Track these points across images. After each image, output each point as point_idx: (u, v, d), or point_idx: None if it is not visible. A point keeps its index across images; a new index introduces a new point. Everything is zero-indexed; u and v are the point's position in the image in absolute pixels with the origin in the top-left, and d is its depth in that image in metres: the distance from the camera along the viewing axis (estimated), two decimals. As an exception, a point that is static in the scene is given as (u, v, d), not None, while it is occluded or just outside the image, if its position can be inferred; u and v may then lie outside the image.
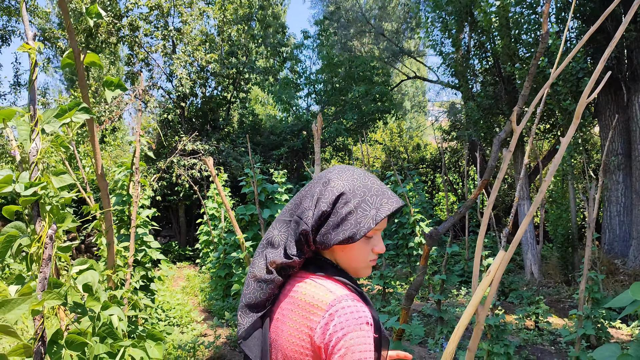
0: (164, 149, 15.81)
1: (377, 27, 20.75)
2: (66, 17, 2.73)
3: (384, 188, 1.26)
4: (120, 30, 15.22)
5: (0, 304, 1.04)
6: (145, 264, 5.87)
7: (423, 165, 20.62)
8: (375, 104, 17.69)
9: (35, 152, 1.93)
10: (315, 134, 4.80)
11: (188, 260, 15.24)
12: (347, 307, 1.12)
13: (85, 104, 2.71)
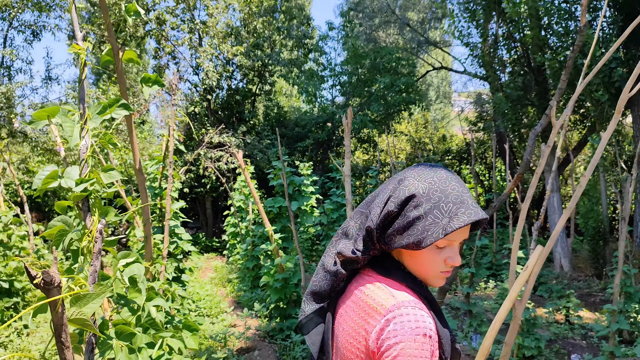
0: (191, 141, 15.99)
1: (402, 17, 20.56)
2: (105, 15, 2.79)
3: (465, 196, 1.13)
4: (147, 24, 15.39)
5: (76, 298, 1.10)
6: (177, 255, 5.98)
7: (449, 157, 20.45)
8: (400, 95, 17.57)
9: (85, 149, 1.99)
10: (346, 128, 4.82)
11: (215, 252, 15.44)
12: (406, 314, 1.06)
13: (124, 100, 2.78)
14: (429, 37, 21.03)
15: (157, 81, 3.02)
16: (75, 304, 1.09)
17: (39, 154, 14.58)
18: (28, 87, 13.78)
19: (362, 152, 21.93)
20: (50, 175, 2.22)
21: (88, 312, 1.07)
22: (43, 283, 0.89)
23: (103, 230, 1.98)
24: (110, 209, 2.44)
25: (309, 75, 18.99)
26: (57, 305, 0.94)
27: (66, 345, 0.97)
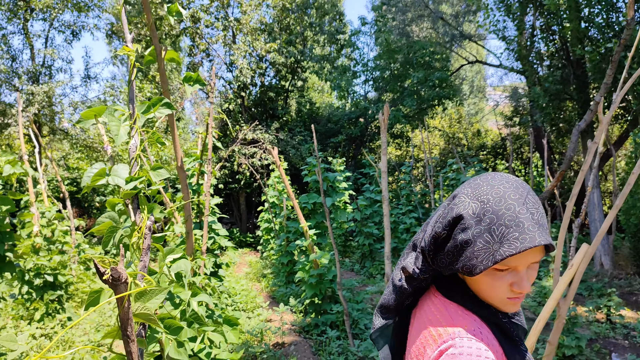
0: (225, 138, 16.19)
1: (435, 10, 20.32)
2: (149, 16, 2.84)
3: (523, 217, 0.98)
4: (182, 22, 15.62)
5: (140, 293, 1.14)
6: (214, 250, 6.07)
7: (483, 152, 20.16)
8: (434, 89, 17.39)
9: (135, 148, 2.04)
10: (382, 124, 4.81)
11: (249, 247, 15.61)
12: (460, 346, 0.97)
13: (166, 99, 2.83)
14: (463, 31, 20.73)
15: (199, 80, 3.08)
16: (140, 299, 1.13)
17: (78, 150, 14.98)
18: (68, 85, 14.17)
19: (394, 147, 21.80)
20: (99, 172, 2.29)
21: (151, 307, 1.11)
22: (111, 279, 0.93)
23: (152, 227, 2.04)
24: (155, 205, 2.50)
25: (342, 70, 18.97)
26: (124, 301, 0.98)
27: (131, 338, 1.01)
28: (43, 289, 6.77)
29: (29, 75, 13.29)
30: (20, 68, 13.37)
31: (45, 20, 13.65)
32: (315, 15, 18.87)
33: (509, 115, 17.93)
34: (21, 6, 12.94)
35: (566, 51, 10.48)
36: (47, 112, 13.07)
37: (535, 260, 1.01)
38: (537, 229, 0.98)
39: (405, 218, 10.74)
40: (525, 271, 1.03)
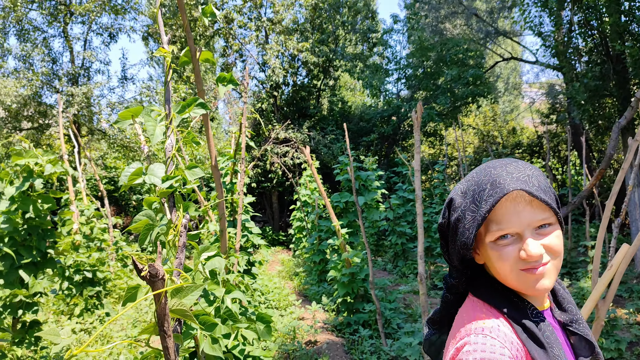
0: (258, 137, 16.32)
1: (469, 7, 20.02)
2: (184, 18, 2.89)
3: (499, 178, 0.98)
4: (216, 23, 15.82)
5: (177, 290, 1.17)
6: (248, 248, 6.13)
7: (519, 150, 19.78)
8: (468, 87, 17.14)
9: (171, 148, 2.08)
10: (415, 122, 4.77)
11: (281, 245, 15.71)
12: (474, 343, 0.95)
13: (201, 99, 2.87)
14: (497, 27, 20.37)
15: (232, 80, 3.11)
16: (176, 296, 1.16)
17: (116, 150, 15.33)
18: (106, 87, 14.53)
19: (428, 146, 21.59)
20: (135, 172, 2.35)
21: (187, 303, 1.13)
22: (149, 276, 0.95)
23: (187, 225, 2.07)
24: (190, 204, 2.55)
25: (374, 69, 18.88)
26: (161, 297, 1.00)
27: (168, 334, 1.04)
28: (82, 285, 6.97)
29: (68, 77, 13.68)
30: (60, 70, 13.77)
31: (84, 24, 14.03)
32: (348, 14, 18.84)
33: (546, 113, 17.55)
34: (61, 10, 13.33)
35: (605, 46, 10.19)
36: (85, 112, 13.43)
37: (535, 220, 0.97)
38: (514, 180, 0.96)
39: (438, 217, 10.63)
40: (530, 235, 0.97)
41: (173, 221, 2.06)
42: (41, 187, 4.55)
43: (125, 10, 14.42)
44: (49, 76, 13.44)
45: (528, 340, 0.98)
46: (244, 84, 5.19)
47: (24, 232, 4.56)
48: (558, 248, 0.99)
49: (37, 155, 4.37)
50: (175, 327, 2.05)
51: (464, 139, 22.01)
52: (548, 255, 0.98)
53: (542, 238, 0.98)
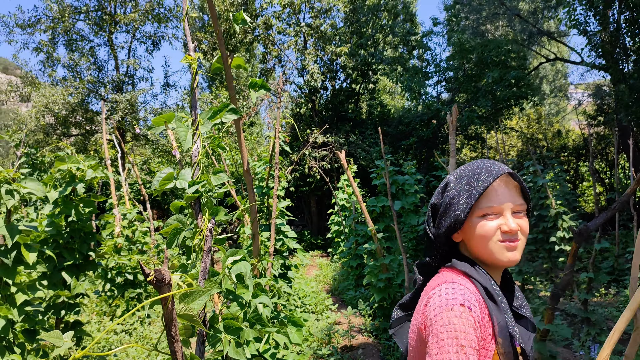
0: (296, 141, 16.41)
1: (511, 8, 19.57)
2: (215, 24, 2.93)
3: (492, 166, 1.23)
4: (256, 30, 16.02)
5: (184, 295, 1.18)
6: (283, 252, 6.15)
7: (564, 154, 19.20)
8: (510, 89, 16.74)
9: (197, 153, 2.11)
10: (450, 125, 4.70)
11: (319, 249, 15.72)
12: (445, 289, 1.12)
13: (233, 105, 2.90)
14: (541, 28, 19.84)
15: (264, 85, 3.14)
16: (184, 301, 1.17)
17: (159, 155, 15.70)
18: (149, 93, 14.91)
19: (469, 149, 21.22)
20: (167, 177, 2.39)
21: (195, 308, 1.14)
22: (155, 281, 0.97)
23: (213, 229, 2.09)
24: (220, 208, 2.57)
25: (413, 72, 18.70)
26: (168, 302, 1.02)
27: (175, 338, 1.05)
28: (124, 286, 7.15)
29: (113, 85, 14.11)
30: (105, 78, 14.23)
31: (128, 32, 14.47)
32: (387, 17, 18.74)
33: (593, 115, 16.98)
34: (107, 20, 13.78)
35: (655, 45, 9.80)
36: (129, 119, 13.82)
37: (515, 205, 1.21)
38: (504, 168, 1.22)
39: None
40: (509, 215, 1.20)
41: (199, 225, 2.08)
42: (83, 192, 4.70)
43: (167, 19, 14.78)
44: (95, 84, 13.90)
45: (486, 298, 1.16)
46: (278, 89, 5.23)
47: (67, 235, 4.71)
48: (527, 230, 1.24)
49: (79, 160, 4.51)
50: (201, 331, 2.07)
51: (506, 142, 21.54)
52: (520, 234, 1.21)
53: (518, 221, 1.21)
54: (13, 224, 3.60)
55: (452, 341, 1.03)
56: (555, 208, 8.67)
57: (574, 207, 12.87)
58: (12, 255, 3.62)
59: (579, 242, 3.10)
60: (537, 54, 21.24)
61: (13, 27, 13.11)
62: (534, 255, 11.61)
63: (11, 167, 10.57)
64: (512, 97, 16.78)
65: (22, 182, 3.68)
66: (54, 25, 13.16)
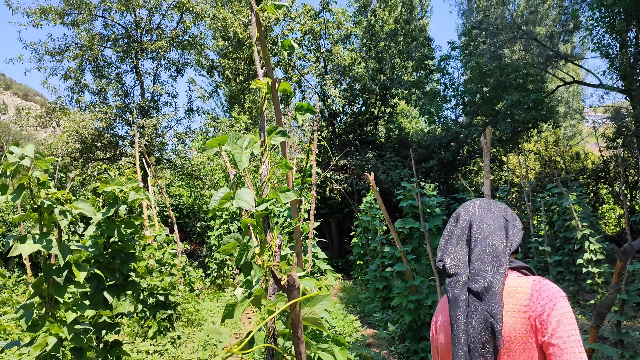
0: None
1: (528, 32, 19.70)
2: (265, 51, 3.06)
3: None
4: (277, 55, 16.32)
5: (307, 299, 1.27)
6: (314, 274, 6.22)
7: (584, 176, 19.11)
8: (529, 112, 16.80)
9: (266, 173, 2.22)
10: (485, 147, 4.78)
11: (340, 272, 15.71)
12: (550, 283, 1.49)
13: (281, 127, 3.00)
14: (559, 51, 19.92)
15: (310, 109, 3.26)
16: (306, 304, 1.26)
17: (180, 179, 15.91)
18: (173, 118, 15.20)
19: (488, 172, 21.20)
20: (225, 196, 2.50)
21: (317, 311, 1.23)
22: (287, 285, 1.06)
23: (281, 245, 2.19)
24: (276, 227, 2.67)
25: (431, 96, 18.85)
26: (297, 305, 1.10)
27: (301, 340, 1.13)
28: (155, 307, 7.24)
29: (139, 110, 14.42)
30: (132, 103, 14.55)
31: (154, 59, 14.82)
32: (403, 42, 18.99)
33: (612, 137, 16.93)
34: (134, 47, 14.15)
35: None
36: (155, 143, 14.08)
37: None
38: None
39: (502, 244, 10.40)
40: None
41: (268, 242, 2.18)
42: (124, 214, 4.83)
43: (191, 46, 15.13)
44: (122, 109, 14.22)
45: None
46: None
47: (108, 255, 4.83)
48: None
49: (122, 182, 4.65)
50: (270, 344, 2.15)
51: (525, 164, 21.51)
52: None
53: None
54: (65, 244, 3.72)
55: (574, 322, 1.35)
56: (581, 230, 8.64)
57: (598, 230, 12.78)
58: (64, 274, 3.73)
59: (624, 261, 3.15)
60: (554, 77, 21.31)
61: (43, 54, 13.52)
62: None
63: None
64: (530, 120, 16.83)
65: (74, 203, 3.81)
66: (83, 52, 13.55)
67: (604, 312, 3.26)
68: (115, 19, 13.89)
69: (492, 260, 1.55)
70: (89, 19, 13.49)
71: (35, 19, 12.76)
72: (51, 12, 12.83)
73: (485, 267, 1.54)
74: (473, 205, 1.73)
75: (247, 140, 2.68)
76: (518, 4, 22.09)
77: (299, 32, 16.12)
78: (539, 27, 20.81)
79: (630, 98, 11.84)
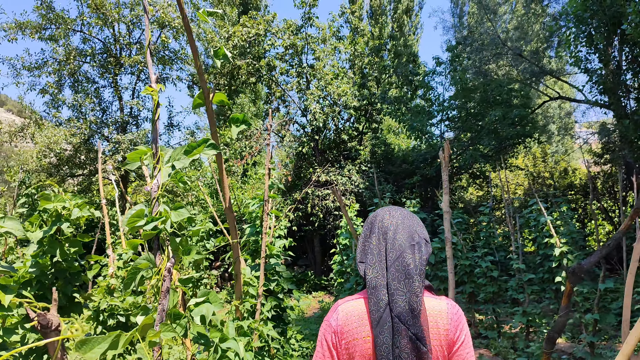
0: (299, 180, 16.36)
1: (514, 48, 19.70)
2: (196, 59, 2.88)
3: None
4: (259, 71, 16.22)
5: (82, 342, 1.06)
6: (278, 293, 5.97)
7: (572, 192, 18.98)
8: (514, 127, 16.70)
9: (157, 188, 2.02)
10: (443, 162, 4.60)
11: (323, 290, 15.43)
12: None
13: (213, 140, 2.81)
14: (544, 67, 19.91)
15: (245, 121, 3.07)
16: (80, 349, 1.05)
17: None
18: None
19: (475, 188, 21.04)
20: (137, 214, 2.29)
21: (92, 357, 1.02)
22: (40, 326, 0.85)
23: (172, 269, 1.97)
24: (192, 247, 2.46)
25: (416, 111, 18.75)
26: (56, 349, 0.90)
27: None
28: (116, 329, 6.95)
29: (116, 125, 14.22)
30: (109, 118, 14.35)
31: (133, 74, 14.66)
32: (389, 57, 18.94)
33: (599, 153, 16.85)
34: (111, 62, 13.99)
35: (656, 82, 9.76)
36: (132, 159, 13.82)
37: None
38: None
39: (481, 262, 10.19)
40: None
41: (157, 265, 1.97)
42: (70, 232, 4.60)
43: (172, 61, 15.00)
44: (99, 124, 14.01)
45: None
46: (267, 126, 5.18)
47: (52, 276, 4.59)
48: None
49: (65, 199, 4.43)
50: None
51: (513, 180, 21.38)
52: None
53: None
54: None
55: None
56: (559, 247, 8.45)
57: (582, 246, 12.59)
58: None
59: (573, 282, 2.95)
60: (540, 92, 21.30)
61: (20, 69, 13.34)
62: (540, 296, 11.28)
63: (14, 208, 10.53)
64: (516, 135, 16.73)
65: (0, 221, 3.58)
66: (61, 67, 13.37)
67: (554, 337, 3.05)
68: (93, 34, 13.76)
69: (405, 279, 1.56)
70: (66, 33, 13.34)
71: (9, 33, 12.59)
72: (27, 27, 12.67)
73: (401, 285, 1.55)
74: (387, 216, 1.73)
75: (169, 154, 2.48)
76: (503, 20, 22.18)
77: (280, 46, 16.03)
78: (524, 43, 20.85)
79: (613, 112, 11.75)
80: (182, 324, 2.21)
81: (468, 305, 9.01)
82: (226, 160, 14.17)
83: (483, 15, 20.26)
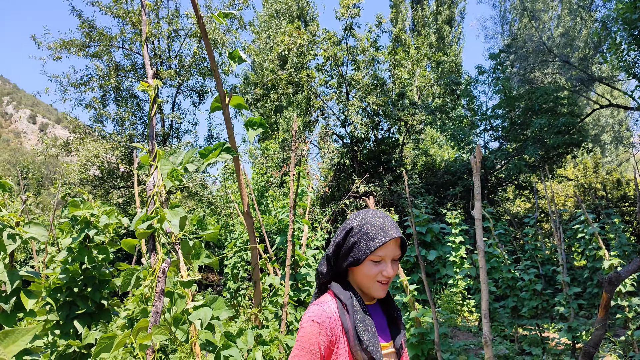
0: (338, 191, 16.24)
1: (560, 55, 19.06)
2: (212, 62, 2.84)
3: (386, 224, 1.58)
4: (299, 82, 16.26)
5: (5, 334, 0.98)
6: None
7: (625, 204, 18.10)
8: (561, 136, 16.08)
9: (152, 186, 1.96)
10: (474, 167, 4.40)
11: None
12: (310, 309, 1.54)
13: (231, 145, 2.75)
14: (593, 74, 19.15)
15: (262, 124, 3.00)
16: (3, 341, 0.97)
17: (201, 207, 15.85)
18: (192, 145, 15.23)
19: (522, 200, 20.39)
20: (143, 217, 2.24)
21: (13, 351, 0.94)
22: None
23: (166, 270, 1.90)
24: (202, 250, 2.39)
25: (458, 121, 18.36)
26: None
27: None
28: (150, 337, 6.99)
29: (158, 138, 14.52)
30: (151, 131, 14.67)
31: (173, 87, 14.98)
32: (432, 68, 18.68)
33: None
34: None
35: None
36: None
37: (396, 254, 1.61)
38: (394, 231, 1.58)
39: (525, 275, 9.76)
40: (390, 263, 1.59)
41: (152, 265, 1.90)
42: (99, 239, 4.62)
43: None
44: (139, 138, 14.35)
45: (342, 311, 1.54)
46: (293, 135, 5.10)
47: (81, 282, 4.62)
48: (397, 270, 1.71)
49: (93, 206, 4.46)
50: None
51: (561, 192, 20.63)
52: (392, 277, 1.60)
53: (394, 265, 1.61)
54: (14, 270, 3.52)
55: (298, 344, 1.49)
56: (608, 259, 8.00)
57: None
58: (12, 302, 3.51)
59: (610, 292, 2.72)
60: (589, 100, 20.52)
61: (67, 86, 13.84)
62: (590, 312, 10.69)
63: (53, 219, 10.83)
64: (562, 144, 16.12)
65: (25, 227, 3.62)
66: (105, 83, 13.80)
67: (590, 352, 2.82)
68: (134, 49, 14.16)
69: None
70: (108, 50, 13.78)
71: (55, 52, 13.10)
72: (72, 45, 13.15)
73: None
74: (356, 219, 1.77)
75: (182, 156, 2.43)
76: (548, 27, 21.56)
77: (321, 57, 16.04)
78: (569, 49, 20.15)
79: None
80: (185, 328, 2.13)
81: (511, 319, 8.62)
82: (265, 172, 14.21)
83: (527, 22, 19.73)
